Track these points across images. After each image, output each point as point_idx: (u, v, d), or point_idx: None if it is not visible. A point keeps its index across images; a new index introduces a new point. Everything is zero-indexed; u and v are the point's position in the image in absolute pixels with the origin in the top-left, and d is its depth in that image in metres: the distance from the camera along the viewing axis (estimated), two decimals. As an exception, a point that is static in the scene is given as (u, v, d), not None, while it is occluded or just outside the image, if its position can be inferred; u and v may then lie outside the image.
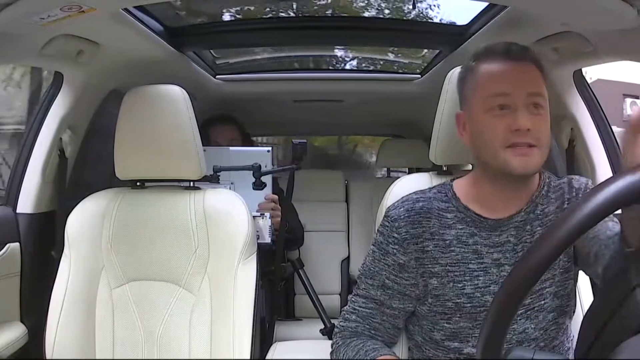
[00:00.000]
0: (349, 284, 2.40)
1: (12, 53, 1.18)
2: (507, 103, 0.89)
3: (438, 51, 1.89)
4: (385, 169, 2.68)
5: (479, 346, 0.57)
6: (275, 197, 1.63)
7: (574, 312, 1.01)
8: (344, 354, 0.97)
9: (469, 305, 0.93)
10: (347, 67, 2.46)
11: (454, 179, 1.04)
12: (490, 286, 0.93)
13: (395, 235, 0.98)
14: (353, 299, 1.02)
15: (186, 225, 1.22)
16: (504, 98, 0.89)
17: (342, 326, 1.01)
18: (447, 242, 0.95)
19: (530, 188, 0.97)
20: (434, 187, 1.04)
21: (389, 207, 1.01)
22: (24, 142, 1.47)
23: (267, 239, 1.55)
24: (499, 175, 0.93)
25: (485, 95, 0.91)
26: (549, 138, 0.92)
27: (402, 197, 1.02)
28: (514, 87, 0.89)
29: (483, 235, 0.95)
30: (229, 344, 1.14)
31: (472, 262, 0.94)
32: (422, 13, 2.15)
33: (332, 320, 2.00)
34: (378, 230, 1.02)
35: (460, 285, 0.93)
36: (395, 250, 0.97)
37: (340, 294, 2.38)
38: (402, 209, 0.99)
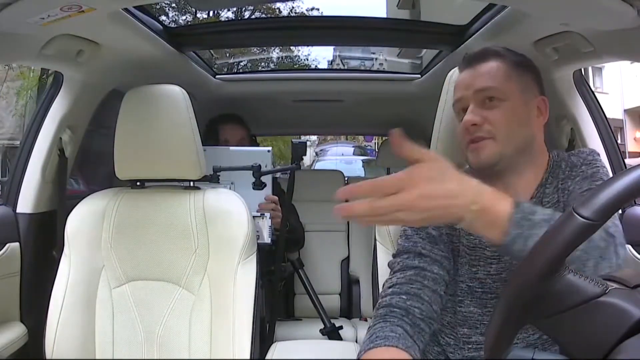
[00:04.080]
0: (349, 284, 2.40)
1: (12, 53, 1.18)
2: (464, 106, 0.98)
3: (438, 51, 1.89)
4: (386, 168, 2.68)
5: (486, 346, 0.57)
6: (276, 198, 1.63)
7: None
8: (366, 337, 0.89)
9: (480, 290, 0.95)
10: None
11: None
12: (502, 274, 0.94)
13: None
14: (388, 279, 0.97)
15: (186, 225, 1.22)
16: (462, 102, 0.99)
17: (379, 304, 0.94)
18: None
19: (536, 173, 0.98)
20: None
21: None
22: (24, 141, 1.47)
23: (267, 239, 1.55)
24: (476, 173, 0.95)
25: (453, 106, 1.02)
26: (510, 126, 0.93)
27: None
28: (466, 89, 0.98)
29: None
30: (229, 344, 1.14)
31: (488, 248, 0.96)
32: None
33: (332, 320, 2.00)
34: None
35: (474, 270, 0.96)
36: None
37: (340, 294, 2.38)
38: None
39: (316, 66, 9.84)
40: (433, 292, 0.92)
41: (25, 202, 1.44)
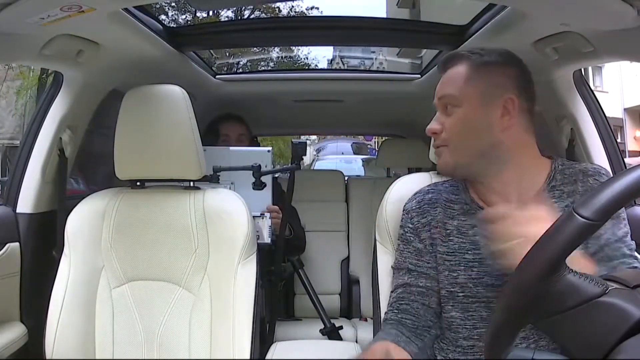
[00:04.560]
0: (348, 284, 2.39)
1: (12, 53, 1.18)
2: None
3: (438, 51, 1.89)
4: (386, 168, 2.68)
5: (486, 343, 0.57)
6: (277, 208, 1.63)
7: None
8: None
9: (461, 294, 0.95)
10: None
11: None
12: (483, 278, 0.94)
13: (410, 225, 1.05)
14: (389, 296, 1.06)
15: (186, 225, 1.22)
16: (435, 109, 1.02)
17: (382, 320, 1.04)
18: (448, 231, 0.99)
19: (535, 179, 0.96)
20: (448, 180, 1.09)
21: (405, 202, 1.09)
22: (24, 141, 1.47)
23: (267, 239, 1.55)
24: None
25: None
26: (467, 135, 0.95)
27: (416, 191, 1.09)
28: (435, 97, 1.01)
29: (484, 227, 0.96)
30: (229, 343, 1.14)
31: (469, 252, 0.96)
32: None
33: (332, 320, 2.00)
34: (400, 225, 1.08)
35: (454, 275, 0.96)
36: (412, 238, 1.04)
37: (340, 294, 2.38)
38: (414, 202, 1.06)
39: (316, 65, 9.88)
40: (422, 305, 0.98)
41: (25, 202, 1.44)
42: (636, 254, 0.92)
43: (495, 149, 0.94)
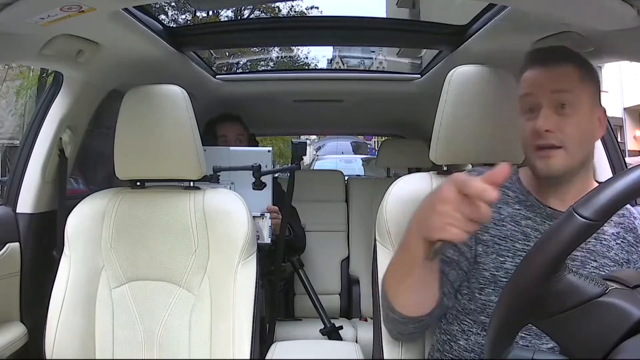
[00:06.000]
0: (348, 284, 2.39)
1: (12, 53, 1.18)
2: (533, 104, 0.94)
3: (438, 51, 1.89)
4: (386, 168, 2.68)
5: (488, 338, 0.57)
6: (276, 208, 1.63)
7: None
8: None
9: (504, 279, 0.95)
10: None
11: (519, 166, 1.07)
12: None
13: None
14: None
15: (186, 225, 1.22)
16: (531, 100, 0.94)
17: None
18: (502, 216, 0.99)
19: (587, 187, 0.97)
20: None
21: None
22: (24, 142, 1.47)
23: (267, 239, 1.55)
24: (535, 174, 0.98)
25: (519, 99, 0.98)
26: (580, 138, 0.92)
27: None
28: (539, 88, 0.93)
29: (537, 221, 0.97)
30: (229, 344, 1.14)
31: (519, 241, 0.97)
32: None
33: (332, 320, 2.00)
34: None
35: (501, 259, 0.96)
36: None
37: (340, 294, 2.38)
38: None
39: (316, 65, 9.90)
40: (440, 272, 0.95)
41: (25, 202, 1.44)
42: None
43: (590, 160, 0.96)
